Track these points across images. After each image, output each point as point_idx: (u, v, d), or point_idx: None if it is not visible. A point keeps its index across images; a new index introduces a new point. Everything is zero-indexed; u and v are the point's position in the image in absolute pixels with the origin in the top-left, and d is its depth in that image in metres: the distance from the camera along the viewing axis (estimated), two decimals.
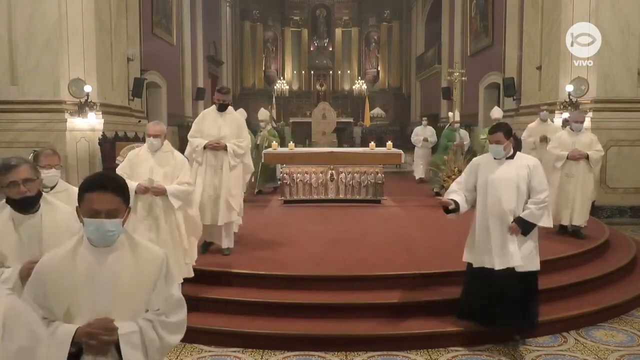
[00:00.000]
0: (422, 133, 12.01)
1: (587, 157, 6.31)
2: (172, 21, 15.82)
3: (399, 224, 7.35)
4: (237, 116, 5.70)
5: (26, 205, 2.57)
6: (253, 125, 11.11)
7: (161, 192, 4.17)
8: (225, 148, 5.36)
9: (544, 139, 7.55)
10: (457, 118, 9.77)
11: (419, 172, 11.92)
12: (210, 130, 5.42)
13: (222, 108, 5.51)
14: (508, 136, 4.02)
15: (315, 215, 7.88)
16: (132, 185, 3.83)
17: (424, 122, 12.39)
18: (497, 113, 9.46)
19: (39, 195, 2.62)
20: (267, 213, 8.09)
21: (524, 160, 4.08)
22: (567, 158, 6.32)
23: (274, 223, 7.31)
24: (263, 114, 10.38)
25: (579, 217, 6.37)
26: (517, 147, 8.40)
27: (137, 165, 4.28)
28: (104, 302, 1.99)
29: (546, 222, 4.01)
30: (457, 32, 17.60)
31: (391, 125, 24.09)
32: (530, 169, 3.97)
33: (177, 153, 4.47)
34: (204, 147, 5.34)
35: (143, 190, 4.17)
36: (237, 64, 24.93)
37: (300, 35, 26.08)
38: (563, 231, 6.47)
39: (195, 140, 5.41)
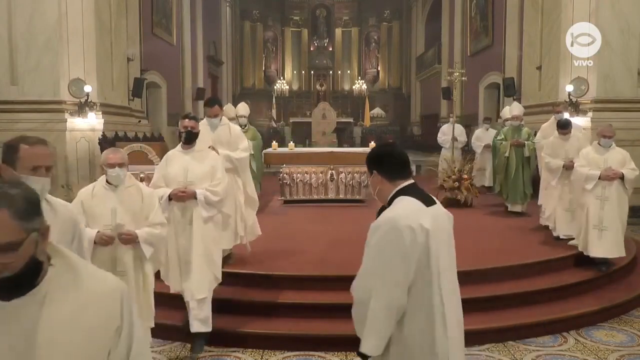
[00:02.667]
0: (450, 132, 10.16)
1: (621, 177, 5.41)
2: (172, 21, 15.81)
3: None
4: (210, 154, 4.35)
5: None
6: (253, 125, 10.95)
7: (132, 240, 3.32)
8: (194, 196, 4.03)
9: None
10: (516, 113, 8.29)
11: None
12: (176, 175, 4.12)
13: (188, 139, 4.16)
14: (373, 168, 2.24)
15: (315, 215, 7.88)
16: (90, 234, 3.19)
17: (452, 119, 10.37)
18: (516, 110, 8.01)
19: (30, 272, 1.27)
20: (267, 213, 8.09)
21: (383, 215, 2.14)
22: (600, 178, 5.39)
23: (274, 223, 7.30)
24: (244, 108, 8.64)
25: (616, 247, 5.37)
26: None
27: (93, 207, 3.35)
28: None
29: (368, 345, 2.06)
30: (457, 32, 17.60)
31: (391, 125, 24.12)
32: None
33: (143, 186, 3.62)
34: (169, 198, 4.03)
35: (106, 241, 3.27)
36: (237, 64, 24.92)
37: (300, 35, 26.07)
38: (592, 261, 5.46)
39: (159, 190, 4.05)
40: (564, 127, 6.40)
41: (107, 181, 3.41)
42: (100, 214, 3.32)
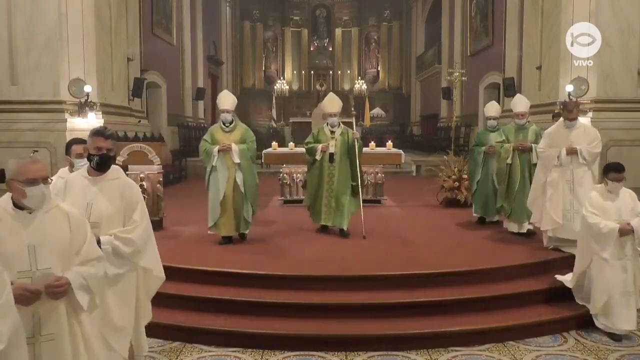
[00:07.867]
0: None
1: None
2: (172, 21, 15.81)
3: (399, 224, 7.35)
4: (127, 183, 3.18)
5: None
6: (254, 125, 10.91)
7: (65, 292, 2.39)
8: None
9: (573, 152, 5.41)
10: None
11: None
12: None
13: (101, 165, 3.05)
14: None
15: None
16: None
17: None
18: (522, 105, 6.55)
19: None
20: (266, 213, 8.08)
21: None
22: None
23: (274, 223, 7.31)
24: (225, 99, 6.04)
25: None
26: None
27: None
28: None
29: None
30: (457, 32, 17.61)
31: (391, 125, 24.10)
32: None
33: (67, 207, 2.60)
34: None
35: (29, 298, 2.25)
36: (237, 64, 24.91)
37: (300, 35, 26.05)
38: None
39: None
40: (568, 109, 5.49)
41: (15, 205, 2.38)
42: (12, 254, 2.27)
